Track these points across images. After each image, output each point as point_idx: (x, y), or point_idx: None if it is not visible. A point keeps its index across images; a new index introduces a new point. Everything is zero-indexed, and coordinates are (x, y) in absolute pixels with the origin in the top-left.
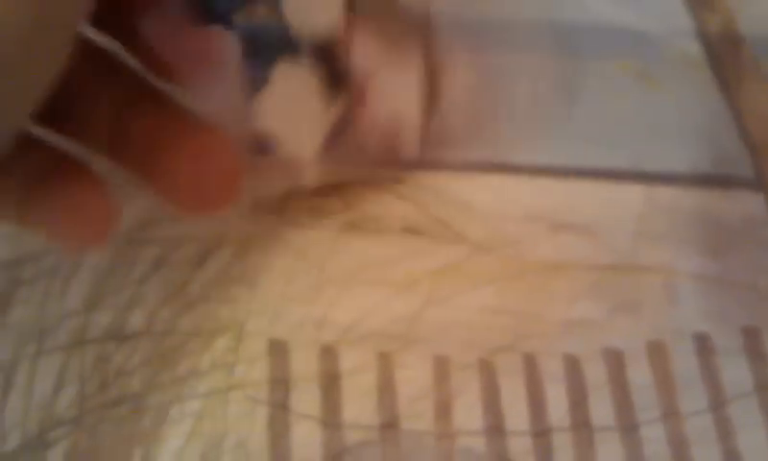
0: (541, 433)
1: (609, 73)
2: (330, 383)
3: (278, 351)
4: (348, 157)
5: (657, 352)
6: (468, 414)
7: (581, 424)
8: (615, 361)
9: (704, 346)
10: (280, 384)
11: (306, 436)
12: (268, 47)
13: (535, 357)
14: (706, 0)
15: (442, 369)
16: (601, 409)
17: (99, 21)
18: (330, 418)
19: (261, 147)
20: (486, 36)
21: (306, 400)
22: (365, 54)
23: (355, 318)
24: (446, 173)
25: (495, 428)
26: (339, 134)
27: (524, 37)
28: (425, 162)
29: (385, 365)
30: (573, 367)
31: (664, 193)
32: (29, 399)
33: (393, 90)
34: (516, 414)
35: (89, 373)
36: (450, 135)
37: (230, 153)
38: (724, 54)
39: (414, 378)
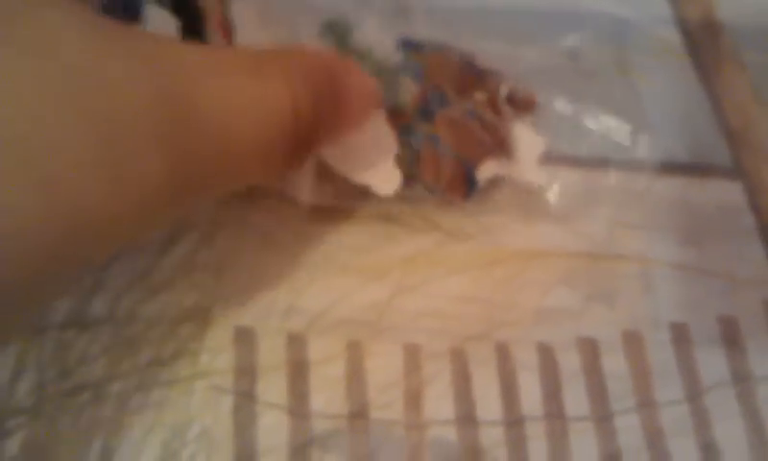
0: (514, 423)
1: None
2: (298, 372)
3: (245, 338)
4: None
5: (632, 342)
6: (439, 403)
7: (554, 413)
8: (590, 350)
9: (680, 335)
10: (246, 373)
11: (273, 425)
12: None
13: (508, 346)
14: None
15: (412, 357)
16: (575, 399)
17: None
18: (298, 407)
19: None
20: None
21: (273, 389)
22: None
23: (324, 305)
24: None
25: (467, 418)
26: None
27: (500, 24)
28: None
29: (354, 353)
30: (547, 356)
31: (641, 181)
32: None
33: None
34: (489, 403)
35: (49, 360)
36: None
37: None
38: (702, 42)
39: (384, 367)
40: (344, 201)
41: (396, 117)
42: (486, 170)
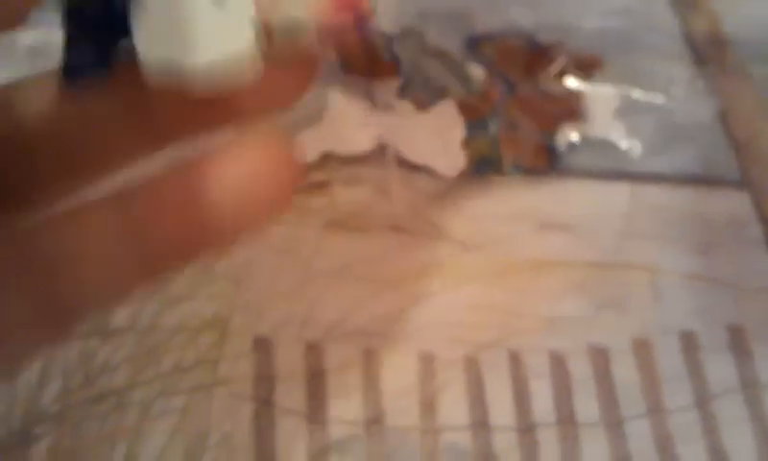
0: (527, 429)
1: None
2: (315, 379)
3: (263, 348)
4: None
5: (642, 350)
6: (453, 410)
7: (566, 420)
8: (601, 358)
9: (689, 343)
10: (265, 380)
11: (291, 432)
12: None
13: (520, 354)
14: (692, 2)
15: (427, 365)
16: (586, 405)
17: None
18: (315, 414)
19: None
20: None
21: (291, 396)
22: None
23: (340, 315)
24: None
25: (480, 424)
26: None
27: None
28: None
29: (370, 362)
30: (558, 364)
31: (650, 192)
32: (13, 393)
33: None
34: (502, 410)
35: (73, 368)
36: None
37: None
38: (709, 54)
39: (399, 375)
40: None
41: (470, 106)
42: (563, 135)
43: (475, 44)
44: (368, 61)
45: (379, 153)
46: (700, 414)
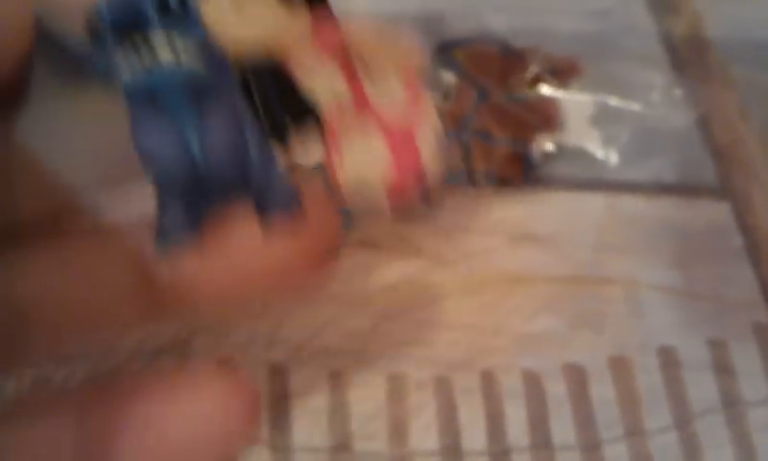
0: (500, 453)
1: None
2: (279, 404)
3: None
4: None
5: (620, 368)
6: (424, 434)
7: (541, 443)
8: (577, 377)
9: (669, 360)
10: None
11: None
12: None
13: (493, 374)
14: (671, 3)
15: (396, 387)
16: (562, 428)
17: None
18: (279, 441)
19: None
20: None
21: None
22: None
23: (307, 335)
24: None
25: (452, 449)
26: None
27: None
28: None
29: (337, 384)
30: (533, 384)
31: (627, 202)
32: None
33: None
34: (474, 434)
35: (27, 393)
36: None
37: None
38: (689, 58)
39: (367, 397)
40: None
41: (441, 114)
42: (538, 145)
43: (447, 50)
44: None
45: None
46: (680, 435)
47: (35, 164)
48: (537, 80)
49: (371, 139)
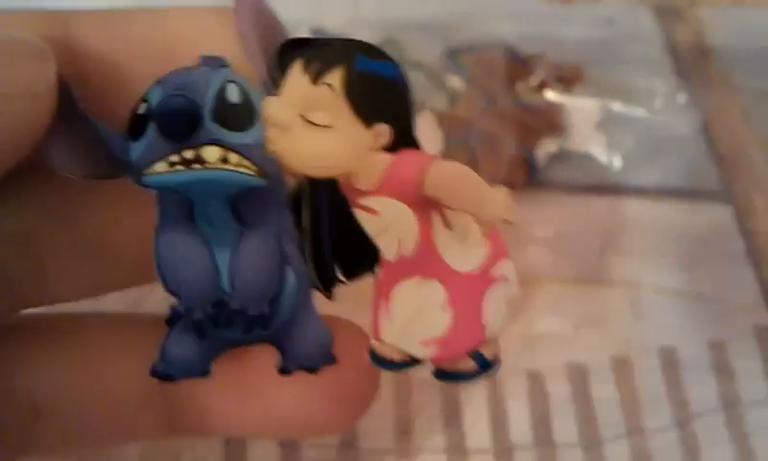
0: (503, 451)
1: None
2: None
3: None
4: None
5: (622, 368)
6: (429, 432)
7: (544, 441)
8: (579, 377)
9: (669, 361)
10: None
11: (263, 456)
12: None
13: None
14: (675, 11)
15: (402, 386)
16: (564, 426)
17: None
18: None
19: None
20: None
21: None
22: None
23: None
24: None
25: (456, 447)
26: None
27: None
28: None
29: None
30: (536, 383)
31: (631, 206)
32: None
33: None
34: (478, 432)
35: None
36: None
37: None
38: (693, 65)
39: None
40: None
41: (448, 118)
42: (543, 150)
43: (454, 55)
44: None
45: None
46: (680, 434)
47: (63, 248)
48: (542, 86)
49: (429, 298)
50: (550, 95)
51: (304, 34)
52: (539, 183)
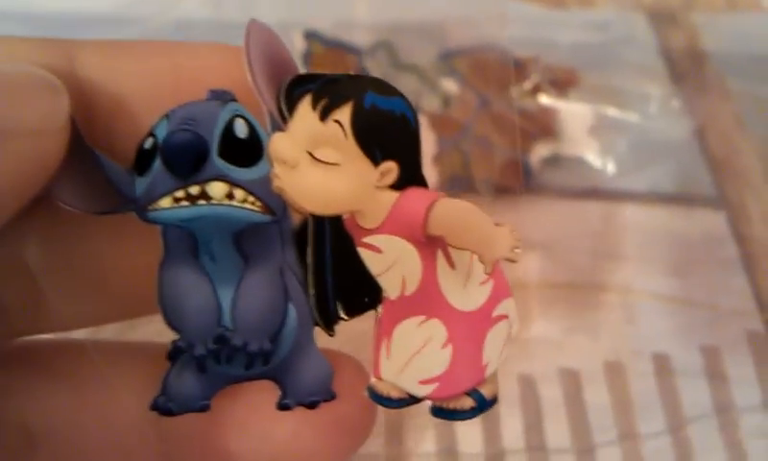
0: (495, 456)
1: None
2: None
3: None
4: None
5: (614, 373)
6: (421, 436)
7: (536, 446)
8: (572, 382)
9: (662, 366)
10: None
11: None
12: None
13: None
14: (669, 17)
15: None
16: (557, 431)
17: None
18: None
19: None
20: None
21: None
22: None
23: None
24: None
25: (448, 451)
26: None
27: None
28: None
29: None
30: (528, 388)
31: (624, 211)
32: None
33: None
34: (470, 436)
35: None
36: None
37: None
38: (687, 70)
39: None
40: None
41: (442, 121)
42: (537, 154)
43: (448, 58)
44: None
45: None
46: (673, 439)
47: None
48: (536, 89)
49: (431, 337)
50: (544, 99)
51: (298, 36)
52: (532, 188)
